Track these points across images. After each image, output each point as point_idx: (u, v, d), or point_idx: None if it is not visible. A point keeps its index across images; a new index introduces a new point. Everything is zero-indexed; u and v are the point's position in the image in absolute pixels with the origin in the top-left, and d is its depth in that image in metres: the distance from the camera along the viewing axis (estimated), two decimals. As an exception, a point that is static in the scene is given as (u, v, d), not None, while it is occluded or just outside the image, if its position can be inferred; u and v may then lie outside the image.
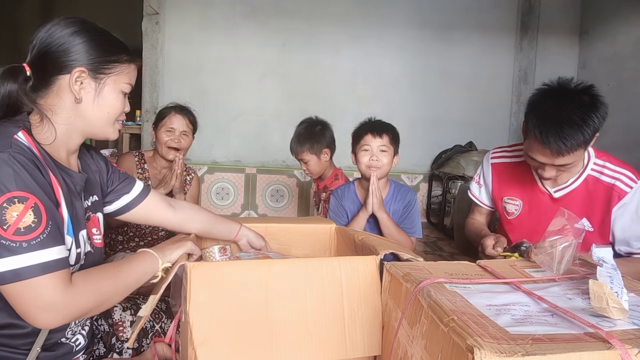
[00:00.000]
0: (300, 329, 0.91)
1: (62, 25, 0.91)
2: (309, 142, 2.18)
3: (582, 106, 1.24)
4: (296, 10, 3.95)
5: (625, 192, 1.36)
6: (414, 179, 4.24)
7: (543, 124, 1.25)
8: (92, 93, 0.95)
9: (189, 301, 0.87)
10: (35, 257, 0.78)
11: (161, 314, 1.34)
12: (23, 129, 0.86)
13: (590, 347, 0.60)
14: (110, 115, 0.99)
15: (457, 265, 1.00)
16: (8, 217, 0.76)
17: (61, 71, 0.91)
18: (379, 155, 1.72)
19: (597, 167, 1.42)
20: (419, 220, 1.83)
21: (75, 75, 0.91)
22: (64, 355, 0.97)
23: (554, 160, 1.29)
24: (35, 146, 0.86)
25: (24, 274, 0.77)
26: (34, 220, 0.79)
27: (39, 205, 0.80)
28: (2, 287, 0.78)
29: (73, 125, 0.95)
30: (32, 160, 0.83)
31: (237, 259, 1.18)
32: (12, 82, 0.88)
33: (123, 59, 0.99)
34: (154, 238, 1.97)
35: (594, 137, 1.27)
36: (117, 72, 0.97)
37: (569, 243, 0.95)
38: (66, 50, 0.91)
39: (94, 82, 0.94)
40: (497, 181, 1.62)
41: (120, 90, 0.99)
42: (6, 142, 0.81)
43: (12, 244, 0.76)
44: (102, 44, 0.95)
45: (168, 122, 1.93)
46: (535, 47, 4.17)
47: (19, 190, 0.78)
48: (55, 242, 0.82)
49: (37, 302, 0.78)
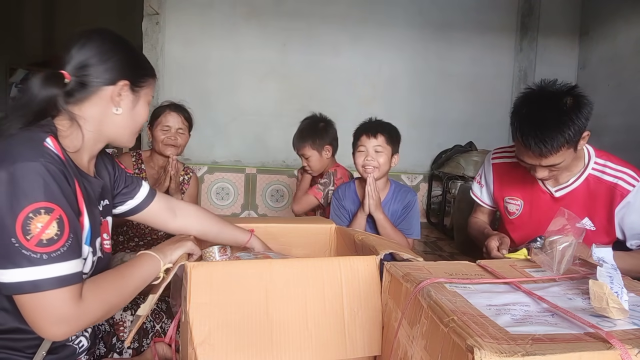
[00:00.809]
0: (300, 329, 0.91)
1: (100, 39, 0.95)
2: (311, 138, 2.17)
3: (559, 108, 1.26)
4: (296, 10, 3.95)
5: (628, 191, 1.37)
6: (414, 179, 4.24)
7: (523, 127, 1.28)
8: (129, 105, 0.99)
9: (188, 301, 0.87)
10: (54, 269, 0.78)
11: (161, 314, 1.34)
12: (51, 135, 0.86)
13: (590, 347, 0.60)
14: (138, 126, 1.04)
15: (457, 265, 1.00)
16: (32, 227, 0.76)
17: (105, 82, 0.94)
18: (375, 156, 1.71)
19: (598, 166, 1.42)
20: (417, 221, 1.83)
21: (119, 88, 0.95)
22: (67, 357, 0.98)
23: (540, 161, 1.30)
24: (62, 153, 0.87)
25: (42, 286, 0.77)
26: (57, 233, 0.79)
27: (63, 218, 0.80)
28: (17, 297, 0.79)
29: (100, 133, 0.98)
30: (61, 170, 0.83)
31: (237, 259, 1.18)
32: (55, 87, 0.89)
33: (151, 73, 1.05)
34: (154, 238, 1.97)
35: (579, 136, 1.28)
36: (147, 85, 1.03)
37: (569, 243, 0.95)
38: (111, 63, 0.94)
39: (132, 94, 0.99)
40: (498, 181, 1.62)
41: (148, 102, 1.05)
42: (38, 151, 0.82)
43: (33, 254, 0.76)
44: (139, 58, 1.03)
45: (163, 120, 1.93)
46: (535, 47, 4.18)
47: (46, 201, 0.78)
48: (73, 255, 0.82)
49: (49, 315, 0.79)
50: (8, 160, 0.78)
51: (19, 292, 0.77)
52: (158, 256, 1.01)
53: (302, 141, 2.17)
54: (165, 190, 1.89)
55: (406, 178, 4.22)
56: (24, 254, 0.76)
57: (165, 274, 0.99)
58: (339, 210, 1.86)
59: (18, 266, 0.76)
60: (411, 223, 1.80)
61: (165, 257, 1.02)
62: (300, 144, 2.18)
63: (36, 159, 0.80)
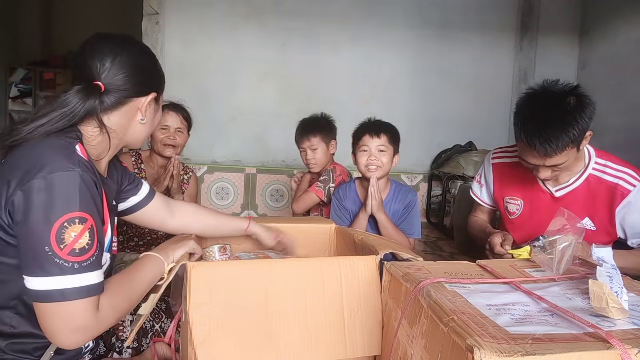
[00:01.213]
0: (300, 329, 0.91)
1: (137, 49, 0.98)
2: (321, 130, 2.15)
3: (563, 108, 1.25)
4: (296, 10, 3.95)
5: (629, 191, 1.37)
6: (414, 179, 4.24)
7: (527, 128, 1.28)
8: (152, 114, 1.04)
9: (189, 301, 0.87)
10: (83, 279, 0.79)
11: (161, 314, 1.34)
12: (80, 143, 0.87)
13: (590, 347, 0.60)
14: (153, 131, 1.11)
15: (457, 265, 1.00)
16: (67, 237, 0.77)
17: (140, 94, 0.97)
18: (378, 156, 1.72)
19: (599, 166, 1.42)
20: (418, 221, 1.83)
21: (150, 99, 0.99)
22: (72, 357, 0.98)
23: (544, 162, 1.30)
24: (90, 161, 0.87)
25: (70, 295, 0.77)
26: (89, 243, 0.80)
27: (94, 228, 0.81)
28: (39, 306, 0.78)
29: (122, 140, 1.01)
30: (94, 180, 0.84)
31: (237, 258, 1.18)
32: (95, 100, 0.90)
33: (164, 80, 1.08)
34: (153, 238, 1.97)
35: (583, 136, 1.27)
36: (162, 93, 1.08)
37: (569, 243, 0.95)
38: (145, 76, 0.99)
39: (156, 104, 1.04)
40: (498, 181, 1.62)
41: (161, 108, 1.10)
42: (73, 160, 0.82)
43: (65, 264, 0.77)
44: (161, 70, 1.06)
45: (162, 120, 1.92)
46: (535, 47, 4.17)
47: (81, 212, 0.79)
48: (99, 266, 0.83)
49: (69, 324, 0.79)
50: (45, 168, 0.79)
51: (46, 300, 0.77)
52: (162, 257, 1.01)
53: (312, 132, 2.14)
54: (166, 189, 1.89)
55: (406, 178, 4.22)
56: (56, 263, 0.76)
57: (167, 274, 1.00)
58: (340, 210, 1.86)
59: (50, 274, 0.76)
60: (412, 223, 1.80)
61: (168, 257, 1.02)
62: (310, 134, 2.14)
63: (73, 169, 0.80)
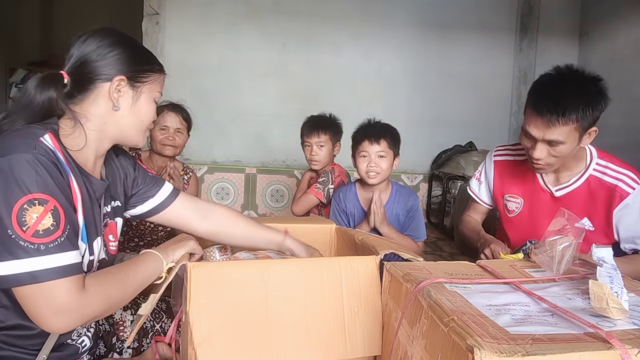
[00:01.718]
0: (300, 329, 0.91)
1: (100, 35, 0.94)
2: (330, 129, 2.15)
3: (583, 84, 1.27)
4: (296, 10, 3.95)
5: (628, 193, 1.36)
6: (414, 179, 4.24)
7: (540, 93, 1.29)
8: (129, 101, 0.97)
9: (189, 301, 0.87)
10: (52, 260, 0.78)
11: (161, 314, 1.34)
12: (50, 132, 0.87)
13: (590, 347, 0.60)
14: (144, 123, 1.02)
15: (457, 265, 1.00)
16: (28, 218, 0.76)
17: (101, 78, 0.93)
18: (378, 162, 1.70)
19: (599, 167, 1.42)
20: (422, 223, 1.83)
21: (116, 84, 0.94)
22: (69, 356, 0.98)
23: (545, 133, 1.28)
24: (60, 150, 0.87)
25: (40, 276, 0.77)
26: (53, 223, 0.79)
27: (58, 209, 0.80)
28: (17, 290, 0.78)
29: (105, 132, 0.97)
30: (53, 163, 0.83)
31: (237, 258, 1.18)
32: (53, 89, 0.89)
33: (156, 68, 1.03)
34: (154, 238, 1.97)
35: (590, 121, 1.27)
36: (151, 81, 1.01)
37: (569, 243, 0.95)
38: (107, 59, 0.93)
39: (132, 90, 0.97)
40: (498, 178, 1.62)
41: (153, 98, 1.03)
42: (31, 144, 0.82)
43: (30, 245, 0.76)
44: (138, 53, 1.00)
45: (162, 120, 1.92)
46: (535, 47, 4.18)
47: (40, 193, 0.78)
48: (71, 247, 0.82)
49: (50, 305, 0.78)
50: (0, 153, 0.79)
51: (17, 284, 0.77)
52: (161, 255, 1.00)
53: (322, 129, 2.12)
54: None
55: (406, 178, 4.22)
56: (20, 245, 0.76)
57: (167, 273, 1.00)
58: (338, 215, 1.85)
59: (16, 257, 0.76)
60: (418, 227, 1.80)
61: (167, 256, 1.02)
62: (320, 130, 2.12)
63: (28, 151, 0.80)
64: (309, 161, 2.17)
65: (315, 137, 2.12)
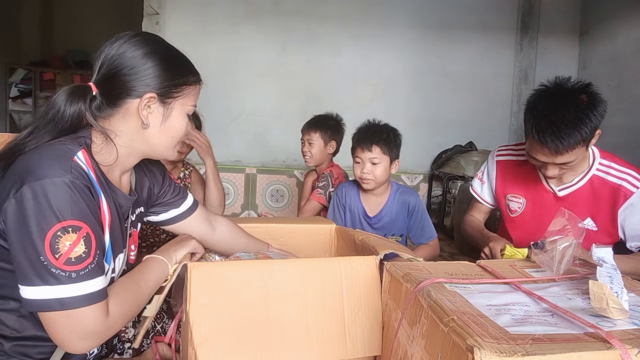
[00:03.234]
0: (300, 329, 0.91)
1: (134, 44, 0.88)
2: (324, 127, 2.21)
3: (576, 105, 1.26)
4: (296, 10, 3.95)
5: (632, 192, 1.37)
6: (414, 179, 4.24)
7: (539, 124, 1.27)
8: (159, 118, 0.92)
9: (189, 301, 0.87)
10: (82, 287, 0.77)
11: (162, 314, 1.34)
12: (84, 148, 0.84)
13: (590, 347, 0.60)
14: (175, 139, 0.97)
15: (457, 265, 1.00)
16: (61, 246, 0.75)
17: (131, 95, 0.88)
18: (371, 168, 1.68)
19: (602, 167, 1.42)
20: (429, 222, 1.81)
21: (145, 101, 0.89)
22: None
23: (554, 159, 1.30)
24: (92, 167, 0.84)
25: (69, 304, 0.76)
26: (85, 251, 0.78)
27: (90, 235, 0.79)
28: (44, 314, 0.77)
29: (133, 148, 0.93)
30: (87, 187, 0.81)
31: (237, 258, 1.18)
32: (82, 101, 0.86)
33: (190, 81, 0.96)
34: (156, 240, 1.97)
35: (593, 134, 1.27)
36: (184, 95, 0.95)
37: (569, 243, 0.95)
38: (138, 74, 0.87)
39: (162, 107, 0.92)
40: (501, 178, 1.62)
41: (186, 113, 0.96)
42: (66, 166, 0.79)
43: (62, 273, 0.75)
44: (172, 66, 0.93)
45: None
46: (535, 47, 4.17)
47: (74, 220, 0.77)
48: (100, 272, 0.81)
49: (77, 331, 0.78)
50: (35, 175, 0.76)
51: (45, 310, 0.76)
52: (165, 259, 0.99)
53: (313, 127, 2.21)
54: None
55: (406, 178, 4.22)
56: (52, 272, 0.75)
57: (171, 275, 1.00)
58: (338, 210, 1.85)
59: (47, 283, 0.75)
60: (424, 228, 1.77)
61: (171, 259, 1.01)
62: (311, 128, 2.21)
63: (63, 175, 0.77)
64: (303, 158, 2.27)
65: (306, 134, 2.22)
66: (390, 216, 1.79)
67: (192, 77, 0.97)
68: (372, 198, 1.81)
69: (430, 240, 1.79)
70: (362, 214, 1.82)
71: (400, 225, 1.80)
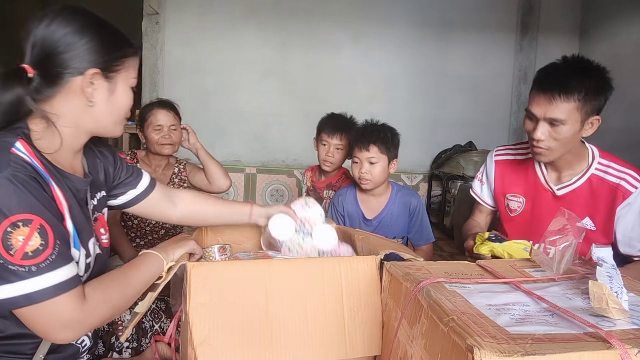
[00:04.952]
0: (300, 329, 0.91)
1: (65, 20, 0.83)
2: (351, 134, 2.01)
3: (589, 69, 1.30)
4: (296, 10, 3.95)
5: (630, 192, 1.36)
6: (414, 179, 4.24)
7: (546, 72, 1.34)
8: (105, 94, 0.89)
9: (189, 301, 0.87)
10: (47, 280, 0.75)
11: (161, 314, 1.34)
12: (21, 139, 0.80)
13: (590, 347, 0.60)
14: (122, 114, 0.94)
15: (457, 265, 1.00)
16: (14, 242, 0.72)
17: (72, 73, 0.84)
18: (369, 169, 1.67)
19: (601, 167, 1.42)
20: (428, 226, 1.80)
21: (89, 78, 0.86)
22: (70, 357, 0.97)
23: (547, 110, 1.29)
24: (35, 157, 0.81)
25: (37, 297, 0.75)
26: (42, 243, 0.75)
27: (45, 226, 0.76)
28: (17, 312, 0.77)
29: (80, 127, 0.90)
30: (32, 177, 0.77)
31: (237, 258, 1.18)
32: (20, 86, 0.80)
33: (130, 53, 0.92)
34: (155, 238, 1.97)
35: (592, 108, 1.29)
36: (125, 68, 0.91)
37: (569, 243, 0.95)
38: (77, 50, 0.83)
39: (107, 82, 0.89)
40: (500, 178, 1.62)
41: (130, 86, 0.94)
42: (5, 159, 0.76)
43: (21, 269, 0.73)
44: (109, 39, 0.89)
45: (154, 120, 1.86)
46: (535, 47, 4.17)
47: (23, 213, 0.74)
48: (65, 261, 0.79)
49: (54, 322, 0.77)
50: None
51: (15, 307, 0.75)
52: (161, 255, 0.99)
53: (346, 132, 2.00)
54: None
55: (406, 178, 4.22)
56: (11, 270, 0.73)
57: (166, 272, 0.99)
58: (337, 219, 1.84)
59: (8, 282, 0.73)
60: (422, 231, 1.77)
61: (168, 256, 1.01)
62: (344, 133, 2.00)
63: (3, 170, 0.74)
64: (322, 161, 2.06)
65: (336, 139, 2.00)
66: (391, 217, 1.78)
67: (131, 49, 0.93)
68: (372, 199, 1.81)
69: (427, 244, 1.79)
70: (361, 218, 1.81)
71: (401, 226, 1.79)
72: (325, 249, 1.23)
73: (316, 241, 1.24)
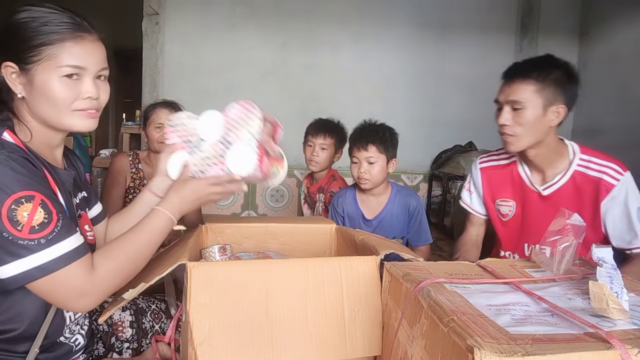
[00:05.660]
0: (300, 329, 0.91)
1: None
2: (336, 135, 2.15)
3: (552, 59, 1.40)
4: (296, 10, 3.95)
5: (613, 185, 1.36)
6: (414, 179, 4.24)
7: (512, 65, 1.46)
8: (27, 87, 0.87)
9: (189, 301, 0.87)
10: (56, 250, 0.79)
11: (160, 314, 1.34)
12: (7, 129, 0.85)
13: (590, 347, 0.60)
14: (59, 106, 0.88)
15: (457, 265, 1.00)
16: (20, 217, 0.76)
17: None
18: (367, 168, 1.68)
19: (583, 162, 1.42)
20: (427, 226, 1.80)
21: (6, 71, 0.86)
22: (63, 355, 0.97)
23: (507, 94, 1.39)
24: (22, 144, 0.86)
25: (50, 267, 0.78)
26: (45, 216, 0.79)
27: (45, 201, 0.80)
28: (32, 285, 0.79)
29: (36, 119, 0.91)
30: (26, 158, 0.83)
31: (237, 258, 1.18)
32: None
33: (51, 39, 0.85)
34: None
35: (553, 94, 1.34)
36: (47, 57, 0.85)
37: (569, 243, 0.95)
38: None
39: (24, 73, 0.86)
40: (487, 185, 1.62)
41: (59, 75, 0.86)
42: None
43: (30, 242, 0.77)
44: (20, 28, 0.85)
45: (155, 118, 1.89)
46: (535, 47, 4.17)
47: (24, 190, 0.78)
48: (70, 231, 0.83)
49: (69, 291, 0.80)
50: None
51: (30, 281, 0.78)
52: (169, 213, 0.96)
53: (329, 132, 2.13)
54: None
55: (406, 178, 4.22)
56: (20, 244, 0.76)
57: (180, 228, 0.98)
58: (336, 220, 1.84)
59: (20, 257, 0.76)
60: (420, 232, 1.77)
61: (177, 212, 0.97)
62: (326, 133, 2.12)
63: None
64: (308, 161, 2.16)
65: (320, 138, 2.12)
66: (391, 217, 1.78)
67: (55, 35, 0.85)
68: (371, 199, 1.81)
69: (425, 244, 1.79)
70: (361, 218, 1.81)
71: (401, 226, 1.79)
72: (241, 174, 1.02)
73: (229, 163, 1.04)
